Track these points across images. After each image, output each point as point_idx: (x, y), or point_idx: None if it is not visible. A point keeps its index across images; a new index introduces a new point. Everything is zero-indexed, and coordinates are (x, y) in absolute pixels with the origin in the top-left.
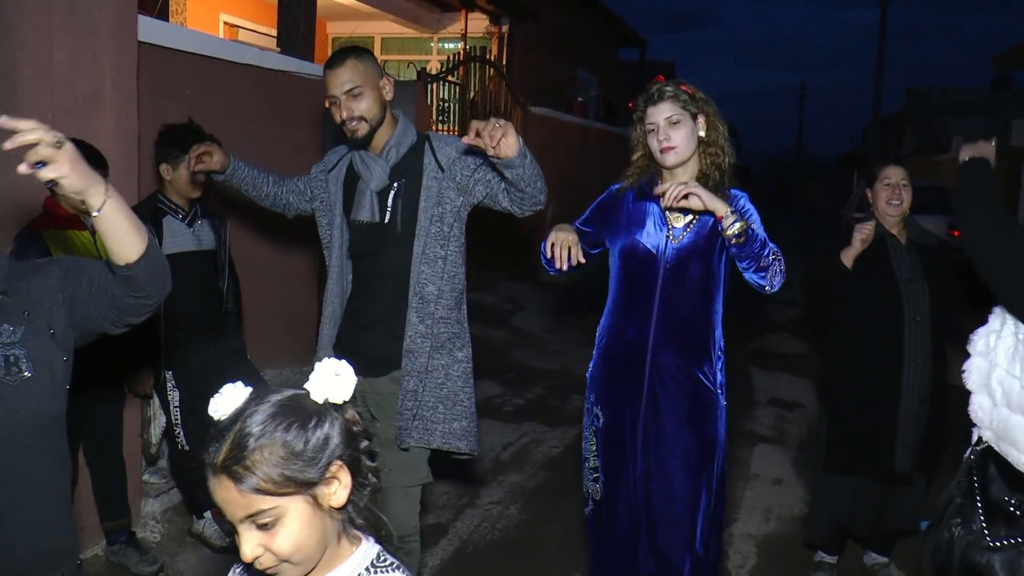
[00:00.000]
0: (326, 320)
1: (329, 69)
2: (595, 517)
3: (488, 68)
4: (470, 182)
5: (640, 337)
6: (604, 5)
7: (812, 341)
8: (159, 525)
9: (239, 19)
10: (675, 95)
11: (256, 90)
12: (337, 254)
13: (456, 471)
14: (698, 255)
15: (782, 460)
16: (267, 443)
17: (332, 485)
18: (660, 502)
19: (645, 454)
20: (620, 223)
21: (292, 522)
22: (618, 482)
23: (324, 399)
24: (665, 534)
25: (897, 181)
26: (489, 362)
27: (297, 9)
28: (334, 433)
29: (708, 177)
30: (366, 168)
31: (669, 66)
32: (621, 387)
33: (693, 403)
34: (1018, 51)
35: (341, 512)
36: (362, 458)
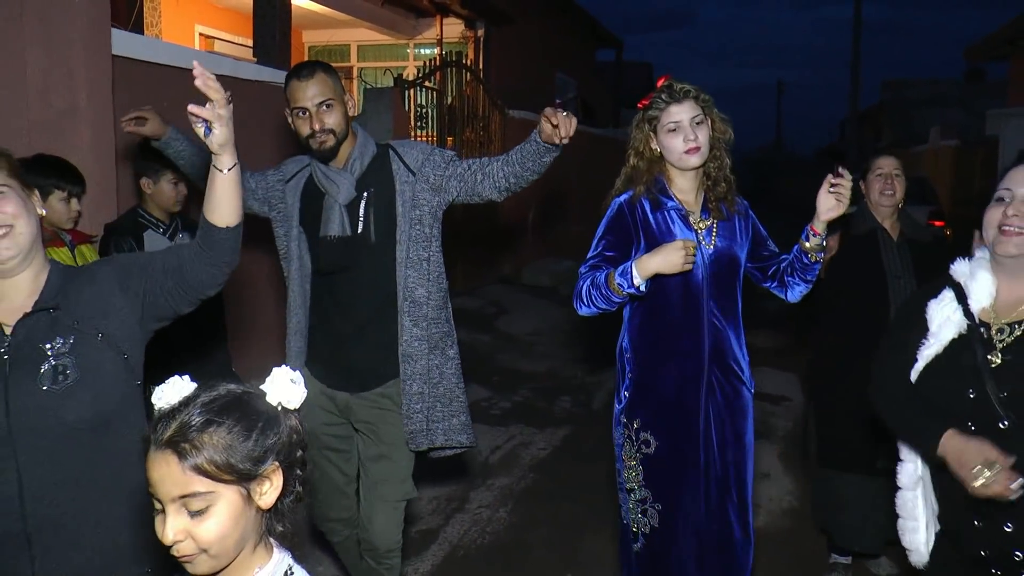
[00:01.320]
0: (292, 332)
1: (298, 80)
2: (650, 551)
3: (465, 73)
4: (443, 180)
5: (694, 350)
6: (580, 7)
7: (796, 335)
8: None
9: (214, 30)
10: (697, 96)
11: (233, 100)
12: (296, 265)
13: (445, 475)
14: (729, 256)
15: (769, 454)
16: (216, 428)
17: (265, 484)
18: (719, 521)
19: (707, 477)
20: (640, 235)
21: (222, 511)
22: (677, 511)
23: (278, 402)
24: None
25: (890, 171)
26: (475, 366)
27: (272, 19)
28: (279, 435)
29: (717, 180)
30: (331, 183)
31: (646, 67)
32: (676, 406)
33: (739, 408)
34: (990, 43)
35: (265, 514)
36: (296, 466)
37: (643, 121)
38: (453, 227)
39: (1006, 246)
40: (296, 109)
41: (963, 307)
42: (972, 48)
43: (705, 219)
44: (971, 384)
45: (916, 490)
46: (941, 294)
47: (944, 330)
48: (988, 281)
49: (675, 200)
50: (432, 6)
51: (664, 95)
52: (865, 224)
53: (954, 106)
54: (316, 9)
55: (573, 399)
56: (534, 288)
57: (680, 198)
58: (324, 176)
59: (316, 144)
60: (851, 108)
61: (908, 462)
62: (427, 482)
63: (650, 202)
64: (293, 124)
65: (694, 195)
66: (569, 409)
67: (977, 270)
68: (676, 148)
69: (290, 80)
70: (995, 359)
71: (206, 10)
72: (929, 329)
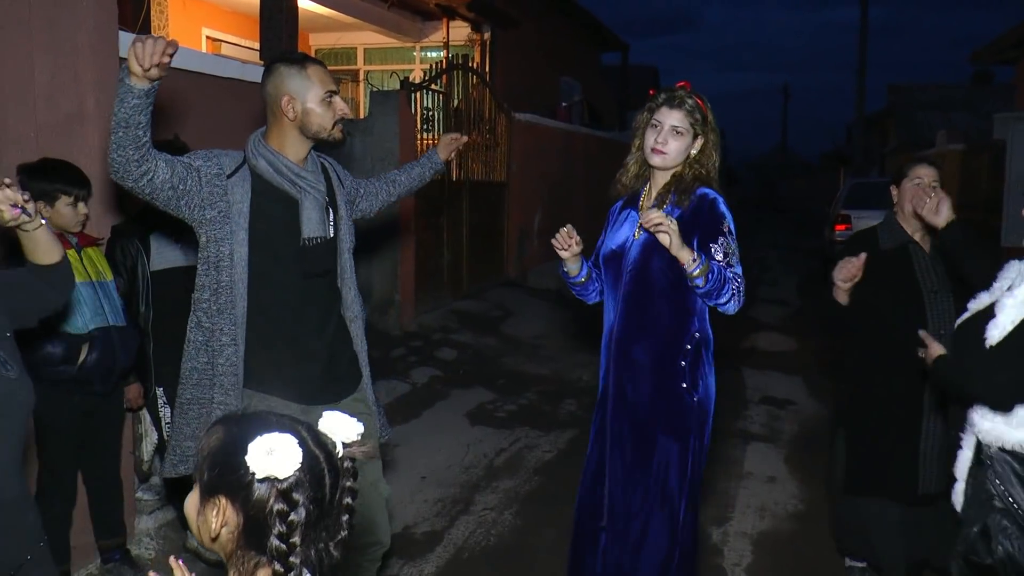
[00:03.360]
0: (239, 356)
1: (322, 67)
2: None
3: (471, 76)
4: (356, 196)
5: (608, 332)
6: (585, 10)
7: (801, 339)
8: (153, 542)
9: (221, 33)
10: (692, 110)
11: (240, 104)
12: (242, 275)
13: (449, 477)
14: (659, 249)
15: (775, 458)
16: (221, 431)
17: (211, 509)
18: (616, 502)
19: (608, 448)
20: (608, 229)
21: (192, 496)
22: (591, 479)
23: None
24: (621, 537)
25: (929, 182)
26: (480, 369)
27: (279, 22)
28: (237, 477)
29: (682, 178)
30: (306, 182)
31: (652, 70)
32: (602, 381)
33: (659, 395)
34: (997, 46)
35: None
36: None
37: (647, 111)
38: (458, 231)
39: None
40: (329, 92)
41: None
42: (979, 51)
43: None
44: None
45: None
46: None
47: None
48: None
49: (639, 199)
50: (438, 9)
51: (663, 95)
52: (893, 238)
53: (961, 110)
54: (323, 12)
55: (578, 402)
56: (539, 291)
57: (648, 196)
58: (296, 176)
59: (340, 132)
60: (857, 112)
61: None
62: (432, 484)
63: (624, 200)
64: (306, 110)
65: (665, 190)
66: (574, 412)
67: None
68: (647, 142)
69: (310, 64)
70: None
71: (213, 13)
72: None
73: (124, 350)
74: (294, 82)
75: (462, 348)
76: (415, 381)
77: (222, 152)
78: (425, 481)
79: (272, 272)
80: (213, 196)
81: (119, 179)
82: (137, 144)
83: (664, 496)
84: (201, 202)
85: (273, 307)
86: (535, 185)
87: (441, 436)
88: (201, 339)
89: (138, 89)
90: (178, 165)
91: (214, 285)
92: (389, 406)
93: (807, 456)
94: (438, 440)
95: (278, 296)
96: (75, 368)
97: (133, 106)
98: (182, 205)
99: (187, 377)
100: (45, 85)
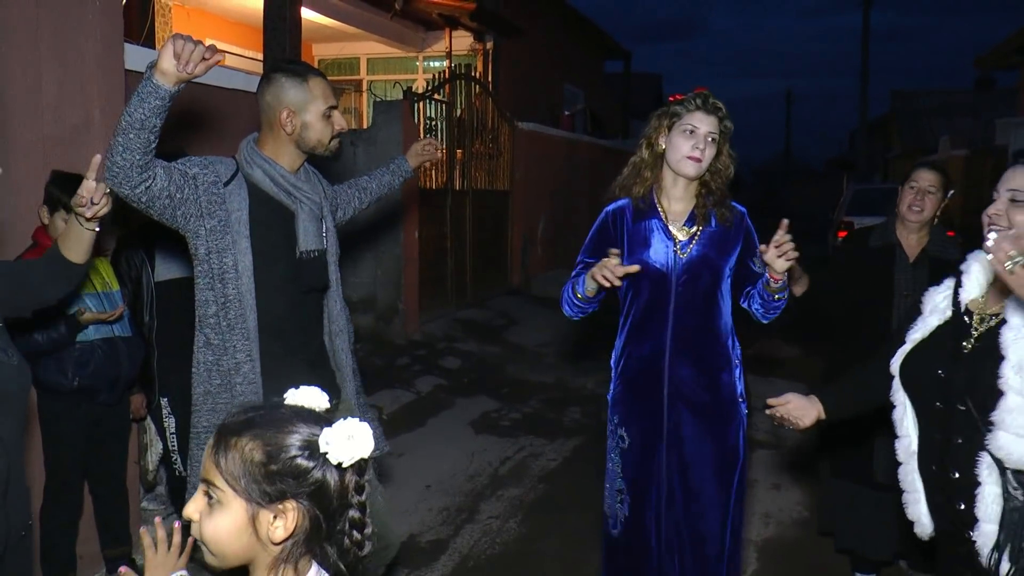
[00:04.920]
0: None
1: (324, 80)
2: (624, 538)
3: (474, 85)
4: (336, 204)
5: (655, 354)
6: (588, 18)
7: (805, 346)
8: None
9: (225, 44)
10: (724, 117)
11: (245, 114)
12: (249, 287)
13: (454, 486)
14: (708, 266)
15: (779, 465)
16: (248, 441)
17: (275, 518)
18: (689, 518)
19: (669, 472)
20: (620, 244)
21: (225, 516)
22: (645, 503)
23: (324, 452)
24: (694, 550)
25: (924, 186)
26: (484, 377)
27: (282, 32)
28: (307, 477)
29: (711, 190)
30: (302, 192)
31: (655, 77)
32: (643, 407)
33: (714, 414)
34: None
35: (280, 547)
36: (330, 526)
37: (665, 115)
38: (462, 240)
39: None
40: (329, 107)
41: (955, 297)
42: (982, 57)
43: (688, 227)
44: (943, 366)
45: (911, 463)
46: (944, 282)
47: (932, 316)
48: (980, 273)
49: (658, 209)
50: (441, 19)
51: (699, 100)
52: (882, 238)
53: (964, 115)
54: (326, 23)
55: (583, 410)
56: (543, 299)
57: (666, 207)
58: (292, 186)
59: (336, 146)
60: (860, 117)
61: (903, 437)
62: (437, 493)
63: (633, 211)
64: (304, 123)
65: (684, 203)
66: (579, 420)
67: (973, 263)
68: (681, 149)
69: (312, 76)
70: (968, 345)
71: (216, 24)
72: (922, 314)
73: (130, 360)
74: (295, 95)
75: (466, 357)
76: (419, 390)
77: (217, 159)
78: (430, 490)
79: (273, 284)
80: (212, 205)
81: (116, 185)
82: (146, 149)
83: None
84: (199, 211)
85: (276, 320)
86: (538, 194)
87: (446, 445)
88: (212, 358)
89: (164, 90)
90: (175, 173)
91: (221, 299)
92: (393, 415)
93: (811, 463)
94: (443, 449)
95: (279, 308)
96: (76, 381)
97: (153, 108)
98: (179, 215)
99: (201, 403)
100: (52, 96)
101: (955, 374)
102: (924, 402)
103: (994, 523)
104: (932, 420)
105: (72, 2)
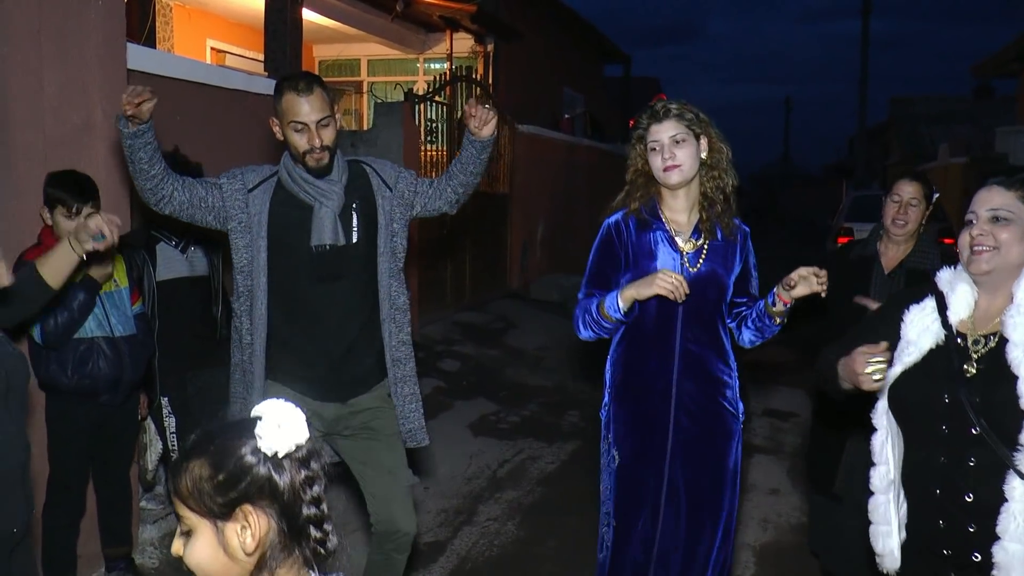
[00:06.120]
0: (257, 355)
1: (297, 94)
2: (603, 563)
3: (475, 87)
4: (413, 196)
5: (663, 368)
6: (588, 22)
7: (803, 352)
8: (157, 551)
9: (226, 44)
10: (680, 114)
11: (244, 115)
12: (260, 281)
13: (453, 488)
14: (715, 282)
15: (778, 470)
16: (194, 461)
17: (242, 527)
18: (689, 532)
19: (672, 487)
20: (626, 257)
21: (198, 541)
22: (631, 527)
23: (267, 448)
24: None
25: (907, 199)
26: (483, 380)
27: (283, 33)
28: (253, 477)
29: (713, 201)
30: (320, 191)
31: (654, 81)
32: (643, 421)
33: (718, 431)
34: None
35: (254, 557)
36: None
37: (636, 140)
38: (461, 242)
39: (978, 264)
40: (294, 123)
41: (942, 318)
42: (980, 64)
43: (695, 240)
44: (946, 390)
45: (888, 493)
46: (923, 301)
47: (923, 339)
48: (967, 293)
49: (663, 221)
50: (442, 21)
51: (646, 115)
52: (863, 250)
53: (963, 122)
54: (327, 24)
55: (581, 413)
56: (542, 303)
57: (670, 218)
58: (309, 184)
59: (313, 161)
60: (859, 124)
61: (881, 464)
62: (435, 495)
63: (637, 223)
64: (284, 134)
65: (687, 215)
66: (577, 423)
67: (957, 283)
68: (656, 166)
69: (286, 91)
70: (971, 369)
71: (217, 24)
72: (907, 335)
73: (133, 361)
74: (275, 106)
75: (465, 359)
76: None
77: (250, 168)
78: (428, 492)
79: (291, 276)
80: (235, 208)
81: (145, 202)
82: (145, 176)
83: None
84: (225, 215)
85: (291, 309)
86: (538, 197)
87: (444, 447)
88: (236, 339)
89: (124, 132)
90: (198, 187)
91: (240, 289)
92: None
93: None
94: (441, 451)
95: (296, 298)
96: (75, 379)
97: (127, 145)
98: (210, 220)
99: (232, 373)
100: (53, 97)
101: (965, 398)
102: (923, 427)
103: (1019, 542)
104: (935, 444)
105: (74, 2)
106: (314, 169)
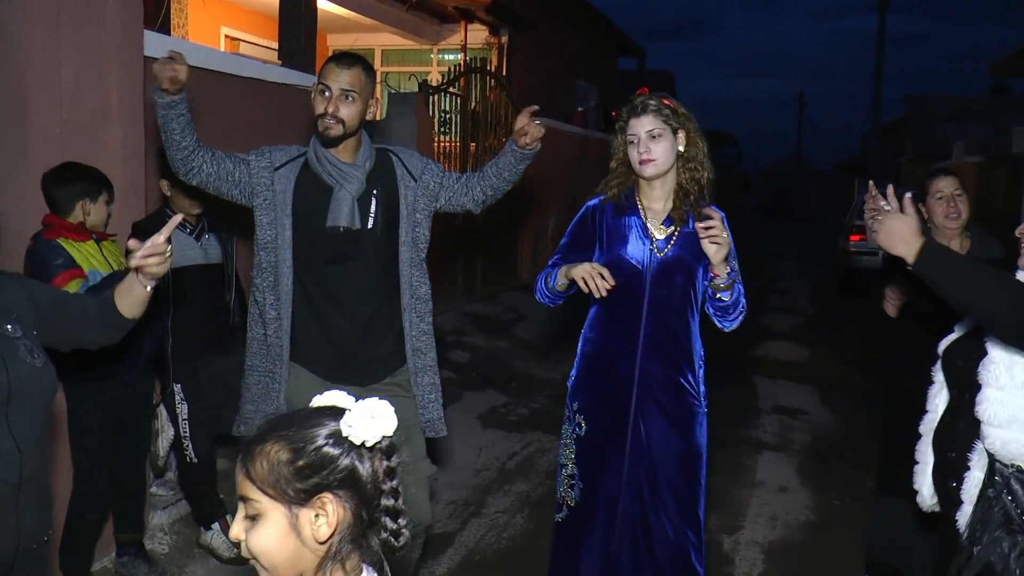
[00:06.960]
0: (284, 330)
1: (336, 64)
2: (567, 523)
3: (489, 79)
4: (438, 188)
5: (628, 349)
6: (603, 15)
7: (813, 348)
8: (167, 537)
9: (240, 32)
10: (657, 109)
11: (259, 103)
12: (286, 255)
13: (462, 480)
14: (682, 268)
15: (787, 467)
16: (271, 445)
17: (316, 515)
18: (653, 512)
19: (634, 465)
20: (601, 240)
21: (267, 526)
22: (596, 490)
23: (347, 436)
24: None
25: (951, 193)
26: (492, 372)
27: (298, 22)
28: (336, 466)
29: (687, 192)
30: (342, 174)
31: (668, 75)
32: (607, 398)
33: (680, 412)
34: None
35: (327, 545)
36: (373, 511)
37: (618, 131)
38: (472, 234)
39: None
40: (321, 85)
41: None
42: (997, 63)
43: (667, 227)
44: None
45: (929, 436)
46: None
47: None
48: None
49: (639, 208)
50: (456, 12)
51: (625, 109)
52: None
53: (978, 121)
54: (341, 13)
55: None
56: None
57: (647, 205)
58: (333, 167)
59: (322, 126)
60: (873, 121)
61: (931, 411)
62: (444, 487)
63: (613, 207)
64: (313, 95)
65: (663, 203)
66: None
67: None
68: (633, 159)
69: (330, 60)
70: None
71: (232, 12)
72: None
73: (146, 334)
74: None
75: (475, 351)
76: None
77: (278, 147)
78: (437, 484)
79: (309, 255)
80: (260, 185)
81: (174, 172)
82: (176, 147)
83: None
84: (251, 191)
85: (309, 288)
86: (550, 189)
87: (453, 439)
88: (256, 312)
89: (159, 102)
90: (227, 161)
91: (264, 264)
92: None
93: (819, 466)
94: (450, 443)
95: (314, 278)
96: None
97: (161, 116)
98: (236, 194)
99: (249, 345)
100: (71, 83)
101: (971, 366)
102: (950, 387)
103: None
104: (951, 404)
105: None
106: (322, 136)
